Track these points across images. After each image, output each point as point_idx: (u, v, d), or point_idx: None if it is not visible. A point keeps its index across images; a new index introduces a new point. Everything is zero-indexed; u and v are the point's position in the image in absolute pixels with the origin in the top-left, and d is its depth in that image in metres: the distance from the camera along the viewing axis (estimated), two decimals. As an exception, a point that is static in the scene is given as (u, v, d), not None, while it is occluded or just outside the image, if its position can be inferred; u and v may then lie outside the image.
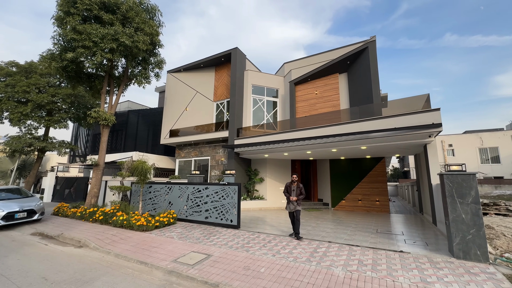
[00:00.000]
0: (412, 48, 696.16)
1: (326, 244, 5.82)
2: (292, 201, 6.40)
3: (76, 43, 9.61)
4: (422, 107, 7.85)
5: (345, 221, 9.07)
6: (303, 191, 6.48)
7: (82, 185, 14.51)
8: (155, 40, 11.46)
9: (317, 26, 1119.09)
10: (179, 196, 8.89)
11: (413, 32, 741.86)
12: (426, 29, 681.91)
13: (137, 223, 7.34)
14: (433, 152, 8.00)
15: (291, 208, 6.44)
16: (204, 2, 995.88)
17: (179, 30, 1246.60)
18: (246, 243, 5.97)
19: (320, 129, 9.45)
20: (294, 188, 6.49)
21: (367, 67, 10.60)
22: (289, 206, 6.48)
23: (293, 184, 6.53)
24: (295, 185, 6.49)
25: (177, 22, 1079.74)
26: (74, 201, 13.04)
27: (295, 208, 6.36)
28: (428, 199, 8.96)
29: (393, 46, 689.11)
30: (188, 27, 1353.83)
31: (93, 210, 8.97)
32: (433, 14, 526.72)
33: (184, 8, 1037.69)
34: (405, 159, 39.75)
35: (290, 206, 6.45)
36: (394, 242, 6.06)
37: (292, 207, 6.41)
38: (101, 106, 11.21)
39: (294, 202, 6.39)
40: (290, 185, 6.56)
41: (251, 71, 13.79)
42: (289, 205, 6.50)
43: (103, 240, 6.52)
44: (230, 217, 7.58)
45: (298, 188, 6.45)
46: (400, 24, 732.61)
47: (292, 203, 6.42)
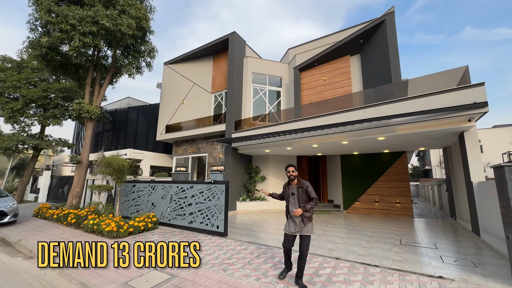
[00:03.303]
0: (429, 43, 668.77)
1: (333, 261, 4.35)
2: (295, 216, 3.50)
3: (52, 27, 8.69)
4: (458, 84, 6.15)
5: (359, 227, 7.50)
6: (313, 193, 3.51)
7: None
8: (144, 25, 10.35)
9: (329, 25, 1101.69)
10: (162, 196, 7.69)
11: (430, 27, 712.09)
12: (444, 24, 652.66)
13: (106, 228, 6.19)
14: (473, 142, 6.28)
15: (292, 230, 3.50)
16: (216, 6, 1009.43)
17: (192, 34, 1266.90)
18: (228, 258, 4.62)
19: (328, 117, 7.93)
20: (294, 190, 3.59)
21: (384, 44, 8.93)
22: (290, 225, 3.57)
23: (291, 184, 3.66)
24: (295, 185, 3.60)
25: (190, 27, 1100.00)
26: (66, 201, 12.27)
27: (300, 229, 3.46)
28: (464, 202, 7.21)
29: (410, 42, 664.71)
30: (201, 31, 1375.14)
31: (68, 212, 7.96)
32: (452, 8, 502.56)
33: (197, 13, 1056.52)
34: (425, 157, 36.87)
35: (291, 225, 3.54)
36: (427, 259, 4.48)
37: (294, 228, 3.50)
38: (85, 98, 10.25)
39: (296, 218, 3.51)
40: (287, 187, 3.74)
41: (251, 58, 12.43)
42: (289, 224, 3.61)
43: (60, 249, 5.40)
44: (216, 222, 6.26)
45: (301, 189, 3.54)
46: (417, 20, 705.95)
47: (293, 221, 3.54)
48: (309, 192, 3.51)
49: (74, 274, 4.10)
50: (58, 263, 4.55)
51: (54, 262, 4.41)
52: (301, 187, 3.55)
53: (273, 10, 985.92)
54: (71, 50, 9.16)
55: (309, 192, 3.51)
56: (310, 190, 3.52)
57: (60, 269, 4.35)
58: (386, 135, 7.14)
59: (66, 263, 4.29)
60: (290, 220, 3.61)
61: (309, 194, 3.51)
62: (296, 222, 3.50)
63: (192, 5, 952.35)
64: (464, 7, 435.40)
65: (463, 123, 6.02)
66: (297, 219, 3.50)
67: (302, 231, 3.45)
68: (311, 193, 3.50)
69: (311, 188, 3.55)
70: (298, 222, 3.48)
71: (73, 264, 4.29)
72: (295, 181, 3.62)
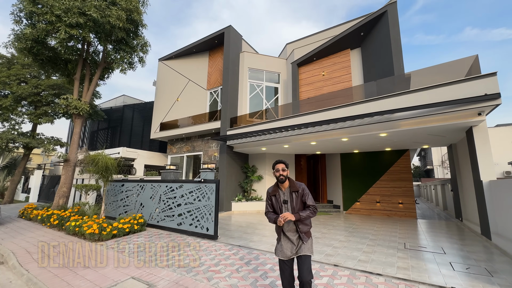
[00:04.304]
0: (429, 44, 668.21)
1: (331, 269, 3.90)
2: (287, 233, 2.56)
3: (36, 18, 8.28)
4: (466, 74, 5.70)
5: (360, 229, 7.06)
6: (311, 199, 2.59)
7: (66, 184, 13.33)
8: (135, 18, 9.91)
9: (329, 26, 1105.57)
10: (151, 196, 7.25)
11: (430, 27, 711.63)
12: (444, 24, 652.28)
13: (87, 230, 5.75)
14: (483, 138, 5.83)
15: (288, 253, 2.52)
16: (216, 7, 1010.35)
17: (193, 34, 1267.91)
18: (214, 264, 4.18)
19: (327, 113, 7.48)
20: (287, 197, 2.63)
21: (386, 37, 8.48)
22: (285, 247, 2.55)
23: (281, 188, 2.69)
24: (287, 189, 2.66)
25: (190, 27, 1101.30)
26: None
27: (297, 249, 2.52)
28: (472, 202, 6.76)
29: (410, 43, 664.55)
30: (201, 32, 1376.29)
31: (52, 212, 7.53)
32: (452, 8, 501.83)
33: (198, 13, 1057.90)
34: (427, 157, 36.39)
35: (287, 247, 2.54)
36: (435, 266, 4.04)
37: (291, 250, 2.53)
38: (74, 94, 9.82)
39: (292, 234, 2.55)
40: (276, 193, 2.69)
41: (248, 53, 11.98)
42: (282, 246, 2.57)
43: (34, 253, 4.98)
44: (206, 224, 5.81)
45: (296, 194, 2.60)
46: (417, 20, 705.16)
47: (288, 240, 2.56)
48: (305, 197, 2.57)
49: (41, 283, 3.67)
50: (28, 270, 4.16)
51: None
52: (296, 191, 2.59)
53: (274, 10, 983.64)
54: (58, 43, 8.75)
55: (305, 197, 2.57)
56: (306, 194, 2.59)
57: (27, 277, 3.92)
58: (389, 131, 6.69)
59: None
60: (285, 239, 2.55)
61: (305, 200, 2.57)
62: (293, 240, 2.52)
63: (192, 5, 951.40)
64: (465, 7, 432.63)
65: (472, 117, 5.57)
66: (292, 235, 2.54)
67: (301, 251, 2.49)
68: (307, 199, 2.56)
69: (307, 192, 2.61)
70: (295, 240, 2.53)
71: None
72: (286, 183, 2.65)
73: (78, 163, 9.81)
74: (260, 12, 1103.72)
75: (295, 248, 2.52)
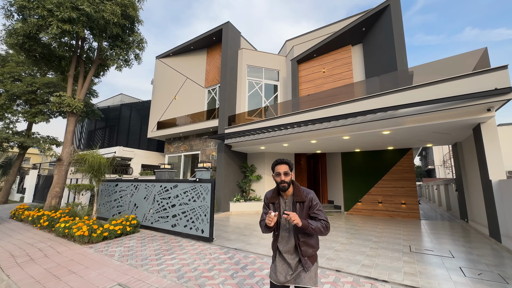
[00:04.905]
0: (430, 44, 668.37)
1: (333, 275, 3.63)
2: (284, 254, 1.91)
3: (27, 12, 8.02)
4: (474, 68, 5.42)
5: (362, 231, 6.78)
6: (322, 211, 1.90)
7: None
8: (131, 14, 9.65)
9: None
10: (144, 197, 6.98)
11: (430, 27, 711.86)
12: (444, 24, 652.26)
13: (77, 232, 5.48)
14: (492, 135, 5.56)
15: (282, 279, 1.85)
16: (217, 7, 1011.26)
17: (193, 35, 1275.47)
18: (208, 269, 3.91)
19: (327, 110, 7.21)
20: (289, 206, 1.96)
21: (388, 31, 8.21)
22: (279, 269, 1.89)
23: (282, 197, 2.01)
24: (289, 197, 1.98)
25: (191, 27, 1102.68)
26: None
27: (297, 276, 1.86)
28: (479, 203, 6.49)
29: (410, 43, 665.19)
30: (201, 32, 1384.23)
31: (42, 213, 7.27)
32: (452, 8, 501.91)
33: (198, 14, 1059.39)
34: (428, 156, 36.10)
35: (282, 269, 1.88)
36: (444, 272, 3.76)
37: (285, 276, 1.85)
38: (68, 91, 9.56)
39: (290, 256, 1.89)
40: (276, 201, 2.00)
41: (246, 50, 11.71)
42: (276, 266, 1.92)
43: (18, 257, 4.72)
44: (201, 226, 5.54)
45: (301, 205, 1.92)
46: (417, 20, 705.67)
47: (284, 261, 1.91)
48: (313, 208, 1.89)
49: (20, 290, 3.41)
50: (9, 275, 3.90)
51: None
52: (301, 202, 1.90)
53: (274, 11, 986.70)
54: (50, 39, 8.48)
55: (313, 208, 1.89)
56: (315, 206, 1.90)
57: (7, 283, 3.65)
58: (392, 128, 6.41)
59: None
60: (280, 260, 1.92)
61: (314, 215, 1.88)
62: (291, 263, 1.86)
63: (193, 6, 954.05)
64: (465, 7, 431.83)
65: (481, 113, 5.30)
66: (291, 258, 1.88)
67: (301, 280, 1.83)
68: (319, 212, 1.87)
69: (317, 203, 1.92)
70: (294, 264, 1.86)
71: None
72: (289, 191, 1.96)
73: (73, 162, 9.56)
74: (261, 13, 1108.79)
75: (292, 274, 1.84)
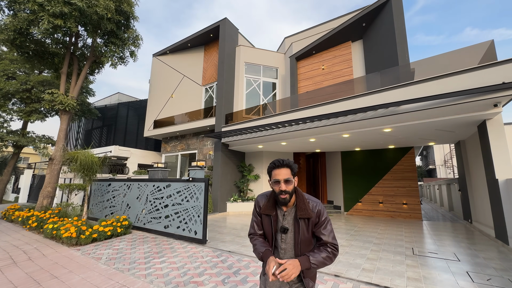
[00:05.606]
0: (430, 44, 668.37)
1: (331, 280, 3.39)
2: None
3: (17, 7, 7.79)
4: (479, 62, 5.18)
5: (362, 232, 6.54)
6: (328, 229, 1.47)
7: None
8: (126, 9, 9.42)
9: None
10: (137, 197, 6.75)
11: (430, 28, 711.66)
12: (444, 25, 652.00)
13: (64, 234, 5.25)
14: (498, 132, 5.32)
15: None
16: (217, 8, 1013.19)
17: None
18: (198, 274, 3.67)
19: (326, 106, 6.97)
20: (289, 223, 1.51)
21: (389, 26, 7.97)
22: (267, 280, 1.51)
23: (281, 208, 1.54)
24: (290, 209, 1.52)
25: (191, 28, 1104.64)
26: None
27: None
28: (484, 203, 6.24)
29: (410, 43, 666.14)
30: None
31: (31, 214, 7.04)
32: (452, 9, 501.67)
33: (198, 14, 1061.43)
34: (429, 156, 35.84)
35: (269, 286, 1.52)
36: (451, 277, 3.52)
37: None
38: (60, 89, 9.32)
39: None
40: (272, 212, 1.53)
41: (244, 47, 11.48)
42: (267, 278, 1.50)
43: (2, 260, 4.48)
44: (194, 227, 5.31)
45: (306, 223, 1.47)
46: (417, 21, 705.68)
47: (278, 280, 1.43)
48: (320, 226, 1.48)
49: (-6, 297, 3.17)
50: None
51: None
52: (306, 218, 1.47)
53: (274, 11, 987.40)
54: (41, 34, 8.25)
55: (320, 226, 1.48)
56: (323, 224, 1.48)
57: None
58: (394, 125, 6.18)
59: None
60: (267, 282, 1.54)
61: (319, 234, 1.48)
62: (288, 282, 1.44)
63: (193, 6, 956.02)
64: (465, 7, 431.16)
65: (487, 109, 5.06)
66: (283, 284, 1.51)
67: None
68: (325, 232, 1.47)
69: (326, 219, 1.49)
70: (291, 282, 1.50)
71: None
72: (291, 203, 1.52)
73: (67, 162, 9.34)
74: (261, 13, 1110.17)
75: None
